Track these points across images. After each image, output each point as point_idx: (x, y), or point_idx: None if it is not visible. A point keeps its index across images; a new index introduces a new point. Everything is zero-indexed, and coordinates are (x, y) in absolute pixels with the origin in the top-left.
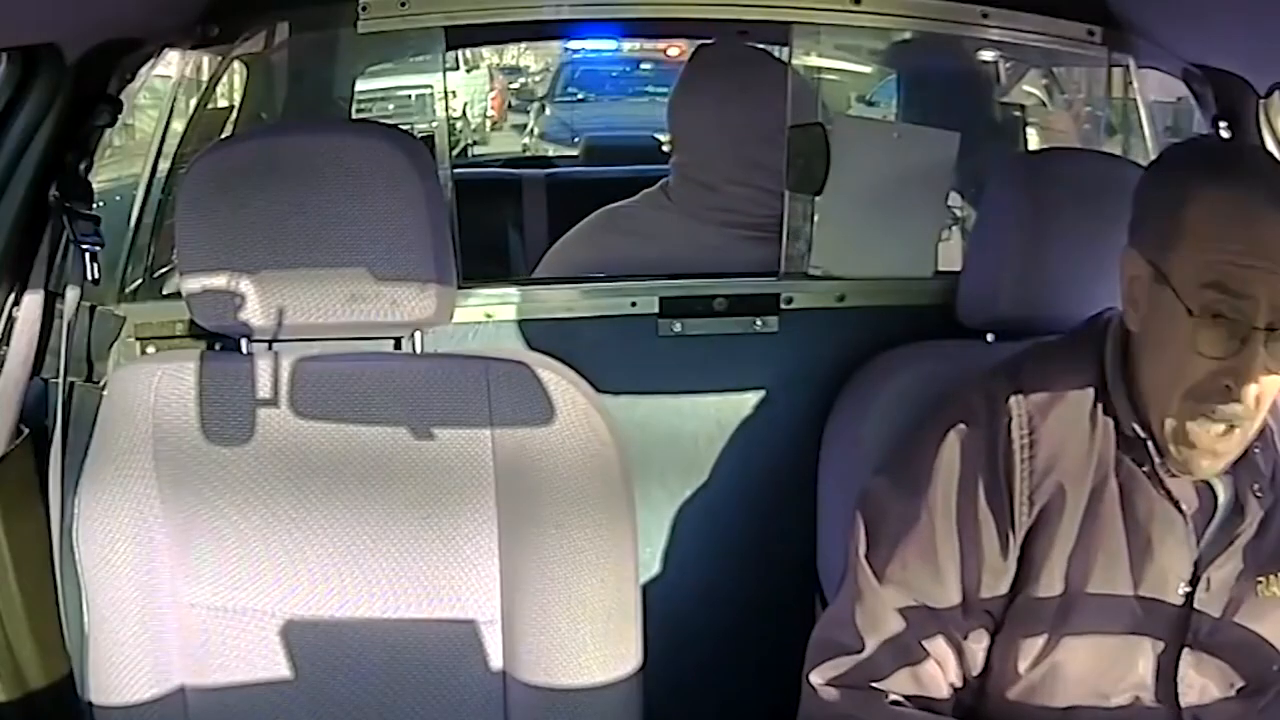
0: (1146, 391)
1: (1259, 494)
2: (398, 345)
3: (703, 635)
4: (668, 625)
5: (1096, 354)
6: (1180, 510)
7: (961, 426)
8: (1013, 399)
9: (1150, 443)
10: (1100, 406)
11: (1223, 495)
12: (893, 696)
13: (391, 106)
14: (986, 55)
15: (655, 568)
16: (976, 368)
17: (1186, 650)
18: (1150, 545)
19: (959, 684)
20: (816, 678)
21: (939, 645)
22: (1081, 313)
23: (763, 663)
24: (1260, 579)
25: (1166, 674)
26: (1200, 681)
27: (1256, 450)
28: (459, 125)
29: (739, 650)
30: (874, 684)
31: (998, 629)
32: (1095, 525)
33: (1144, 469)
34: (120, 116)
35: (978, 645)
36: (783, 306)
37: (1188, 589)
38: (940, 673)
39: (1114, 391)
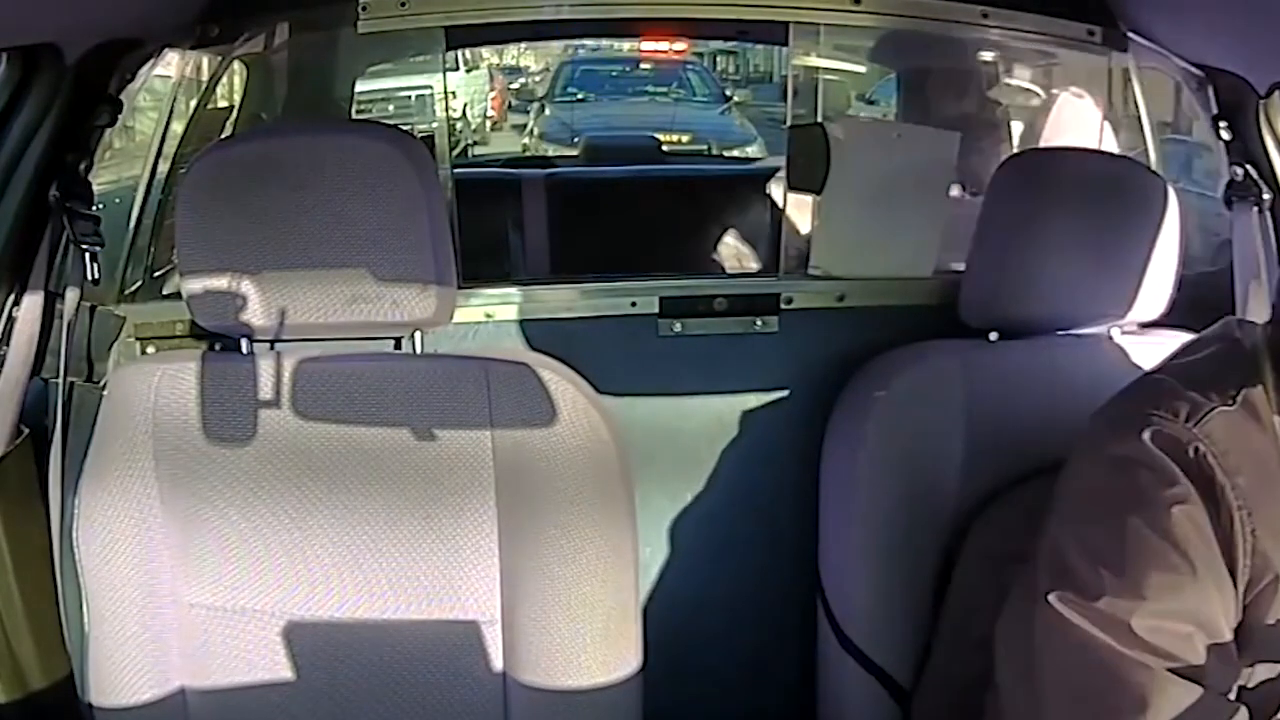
0: None
1: None
2: (398, 345)
3: (703, 635)
4: (668, 625)
5: (1248, 388)
6: None
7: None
8: (1205, 453)
9: None
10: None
11: None
12: None
13: (392, 107)
14: (986, 55)
15: (655, 568)
16: (978, 367)
17: None
18: None
19: None
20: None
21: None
22: (1084, 310)
23: (763, 663)
24: None
25: None
26: None
27: None
28: (459, 125)
29: (739, 651)
30: None
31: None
32: None
33: None
34: (120, 117)
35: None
36: (783, 306)
37: None
38: None
39: None
